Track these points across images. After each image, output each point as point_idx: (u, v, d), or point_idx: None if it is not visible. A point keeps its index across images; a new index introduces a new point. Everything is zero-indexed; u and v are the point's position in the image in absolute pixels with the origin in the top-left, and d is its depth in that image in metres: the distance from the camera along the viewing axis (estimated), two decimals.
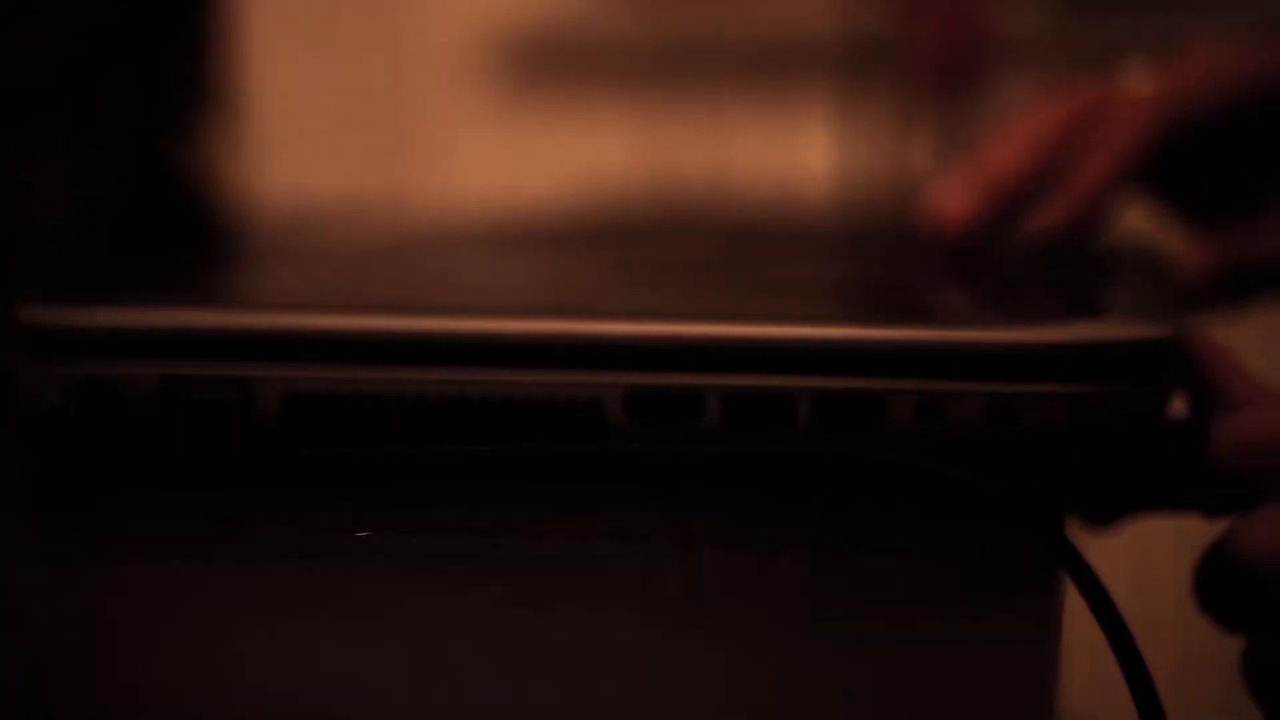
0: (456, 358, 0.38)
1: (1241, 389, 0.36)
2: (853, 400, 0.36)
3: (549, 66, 1.70)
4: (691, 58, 1.67)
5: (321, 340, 0.38)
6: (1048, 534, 0.34)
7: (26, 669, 0.28)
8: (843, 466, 0.37)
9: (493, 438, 0.38)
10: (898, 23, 1.45)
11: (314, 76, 1.49)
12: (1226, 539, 0.34)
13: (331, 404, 0.38)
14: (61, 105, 0.88)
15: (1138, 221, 0.54)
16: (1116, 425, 0.36)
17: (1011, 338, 0.36)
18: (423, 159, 0.84)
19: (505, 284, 0.52)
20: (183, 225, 1.01)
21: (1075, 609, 0.34)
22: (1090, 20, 1.48)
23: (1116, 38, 1.05)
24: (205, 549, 0.35)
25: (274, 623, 0.30)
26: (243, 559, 0.34)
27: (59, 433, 0.39)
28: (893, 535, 0.35)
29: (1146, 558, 1.12)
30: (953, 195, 0.51)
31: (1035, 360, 0.36)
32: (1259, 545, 0.32)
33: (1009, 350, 0.36)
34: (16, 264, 0.91)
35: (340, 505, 0.37)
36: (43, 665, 0.28)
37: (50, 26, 0.82)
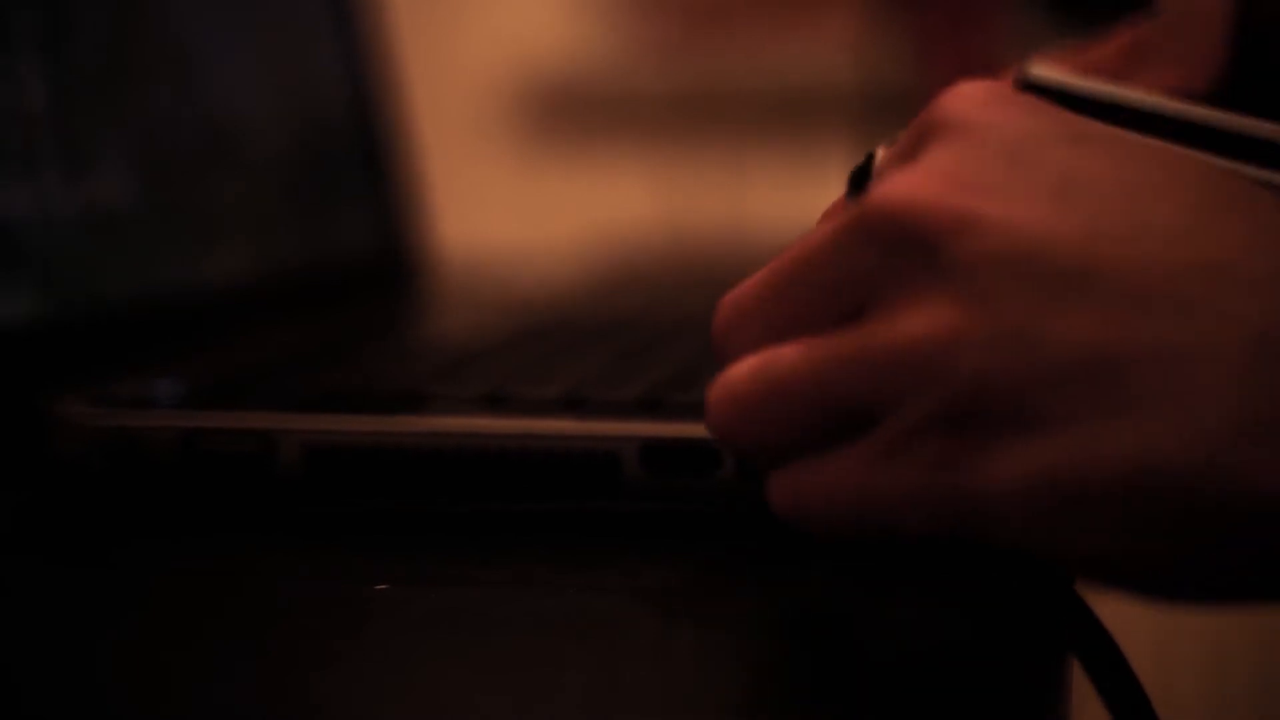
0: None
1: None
2: None
3: (569, 116, 1.71)
4: (710, 107, 1.67)
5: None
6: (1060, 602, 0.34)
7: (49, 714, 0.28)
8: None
9: (513, 491, 0.38)
10: (913, 71, 1.45)
11: None
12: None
13: (353, 457, 0.38)
14: None
15: None
16: None
17: None
18: (442, 207, 0.84)
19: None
20: None
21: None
22: None
23: None
24: (224, 599, 0.35)
25: (288, 672, 0.31)
26: (262, 609, 0.34)
27: (86, 484, 0.39)
28: (905, 594, 0.36)
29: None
30: None
31: None
32: (779, 508, 0.31)
33: None
34: None
35: (359, 557, 0.37)
36: (64, 711, 0.28)
37: None
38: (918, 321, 0.28)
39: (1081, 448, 0.27)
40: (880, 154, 0.33)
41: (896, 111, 1.47)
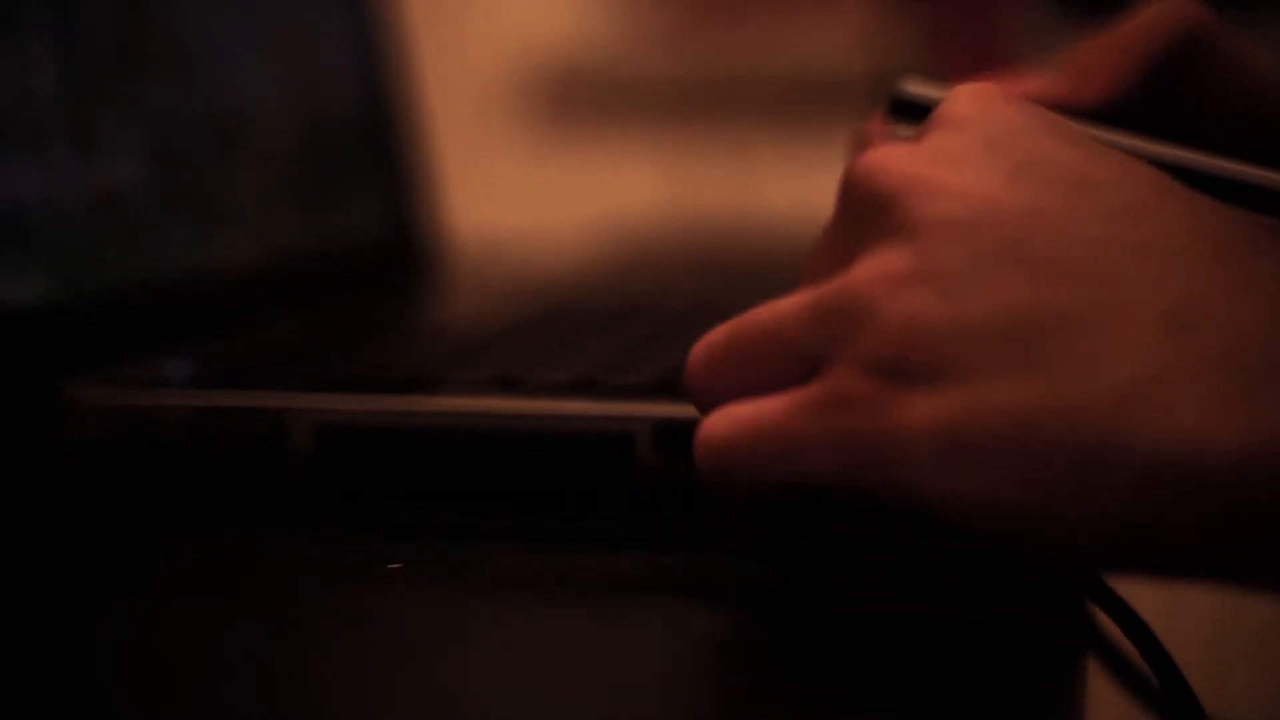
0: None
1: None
2: None
3: (579, 103, 1.71)
4: (719, 95, 1.67)
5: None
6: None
7: (56, 701, 0.28)
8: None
9: (526, 472, 0.38)
10: (924, 59, 1.45)
11: None
12: None
13: (366, 437, 0.38)
14: None
15: None
16: None
17: None
18: (452, 193, 0.84)
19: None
20: None
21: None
22: None
23: None
24: (239, 580, 0.35)
25: (301, 651, 0.31)
26: (276, 589, 0.35)
27: (98, 464, 0.39)
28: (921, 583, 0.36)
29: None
30: None
31: None
32: (702, 447, 0.32)
33: None
34: None
35: (372, 536, 0.37)
36: (70, 697, 0.28)
37: None
38: (866, 268, 0.31)
39: (981, 398, 0.28)
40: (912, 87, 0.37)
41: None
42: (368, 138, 0.75)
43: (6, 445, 0.42)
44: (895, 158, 0.32)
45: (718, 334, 0.33)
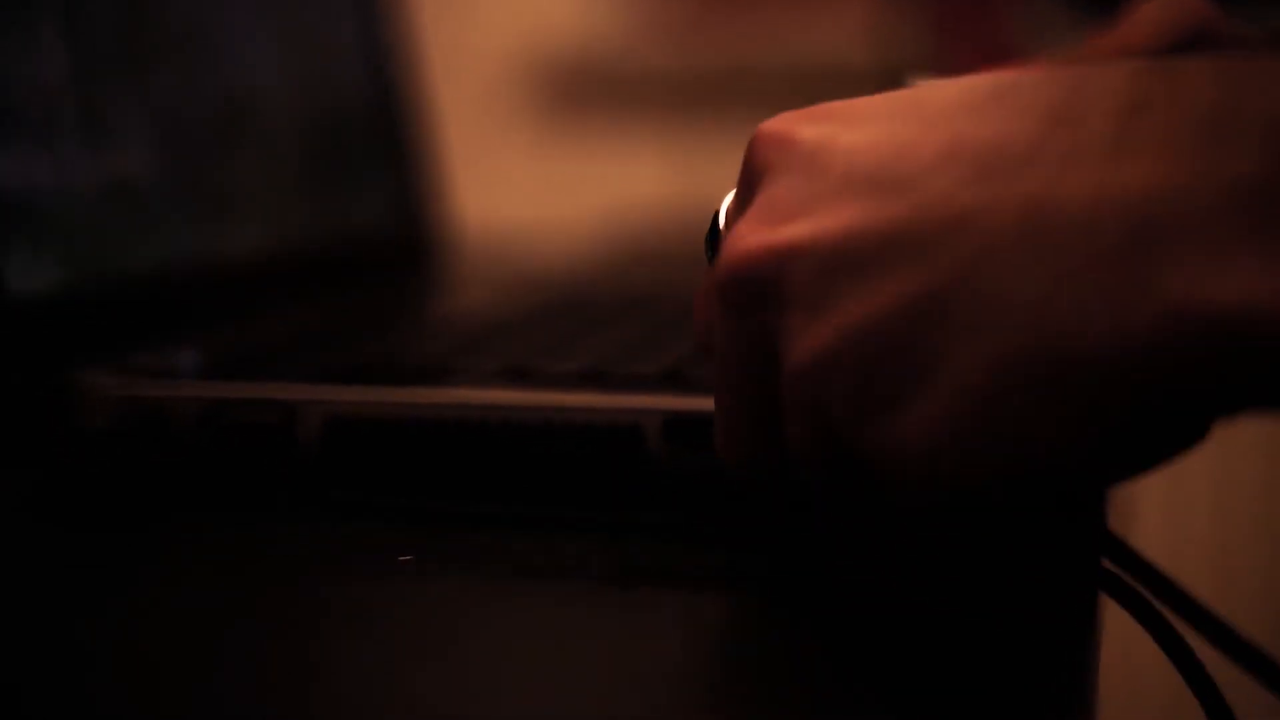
0: None
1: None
2: None
3: (585, 95, 1.71)
4: (725, 86, 1.67)
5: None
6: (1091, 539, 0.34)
7: (69, 686, 0.28)
8: None
9: (536, 463, 0.38)
10: (930, 53, 1.45)
11: None
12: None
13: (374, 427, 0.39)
14: None
15: None
16: None
17: None
18: (460, 185, 0.84)
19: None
20: None
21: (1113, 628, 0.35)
22: None
23: None
24: (247, 570, 0.35)
25: (312, 643, 0.31)
26: (284, 580, 0.35)
27: (109, 454, 0.40)
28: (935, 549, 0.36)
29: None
30: None
31: None
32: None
33: None
34: None
35: (383, 527, 0.38)
36: (77, 684, 0.28)
37: None
38: (795, 351, 0.31)
39: (948, 387, 0.28)
40: (724, 210, 0.36)
41: None
42: (375, 129, 0.75)
43: (17, 433, 0.42)
44: (746, 240, 0.32)
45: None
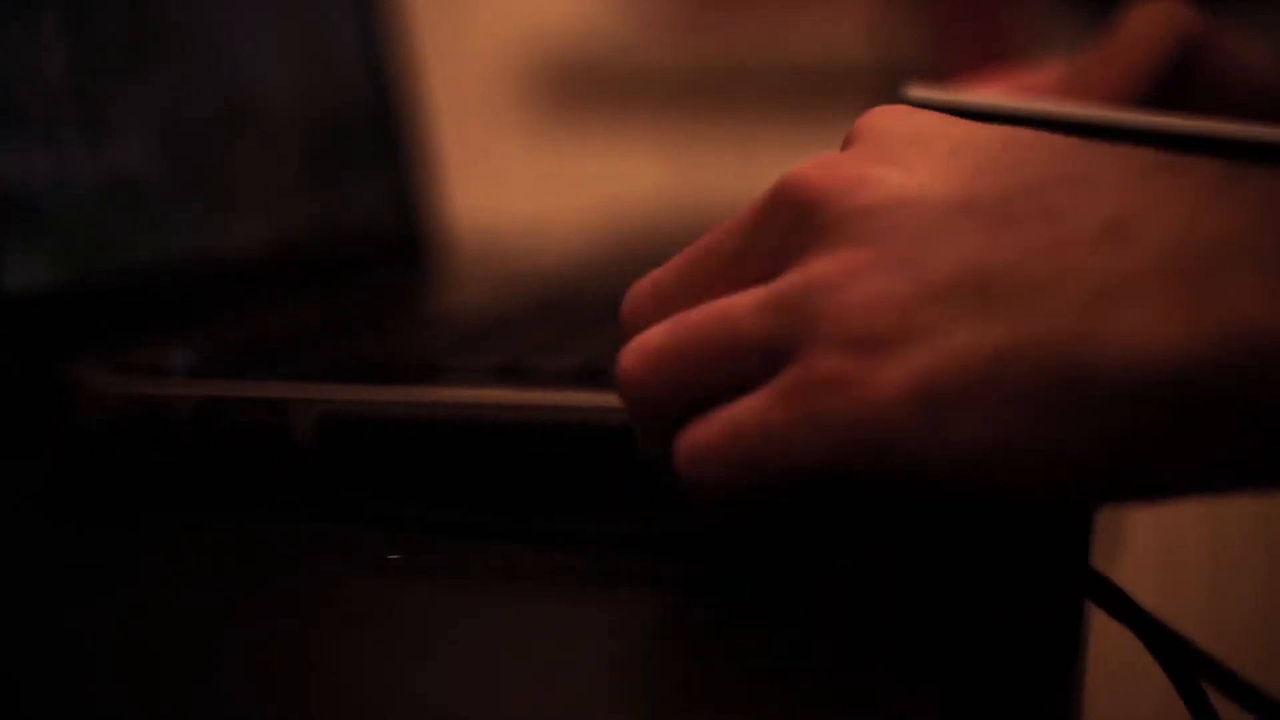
0: None
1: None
2: None
3: (582, 91, 1.70)
4: (723, 83, 1.67)
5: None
6: (1072, 560, 0.34)
7: (61, 683, 0.28)
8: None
9: (528, 462, 0.38)
10: (929, 48, 1.45)
11: None
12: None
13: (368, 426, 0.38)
14: None
15: None
16: None
17: None
18: (456, 182, 0.84)
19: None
20: None
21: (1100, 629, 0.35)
22: None
23: None
24: (238, 569, 0.35)
25: (302, 642, 0.31)
26: (276, 578, 0.35)
27: (103, 451, 0.39)
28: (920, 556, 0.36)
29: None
30: None
31: None
32: (684, 458, 0.32)
33: None
34: None
35: (373, 525, 0.38)
36: (76, 678, 0.28)
37: None
38: (819, 265, 0.31)
39: (947, 351, 0.29)
40: None
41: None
42: (372, 126, 0.75)
43: (11, 430, 0.42)
44: (818, 167, 0.32)
45: (654, 338, 0.33)
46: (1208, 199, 0.29)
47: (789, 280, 0.31)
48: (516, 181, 1.59)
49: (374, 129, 0.75)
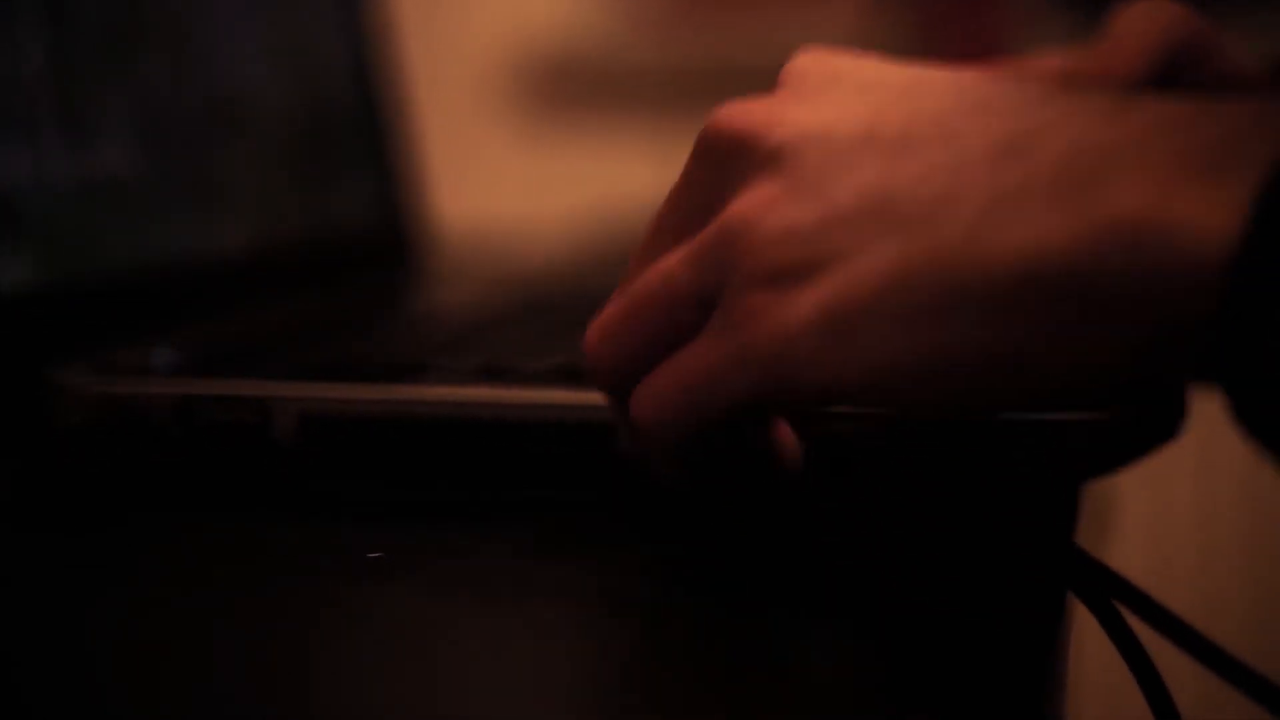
0: None
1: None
2: None
3: (569, 91, 1.70)
4: (710, 84, 1.67)
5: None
6: (1060, 555, 0.34)
7: (44, 685, 0.28)
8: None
9: (509, 460, 0.38)
10: (919, 47, 1.45)
11: None
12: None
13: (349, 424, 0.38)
14: None
15: None
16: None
17: None
18: (442, 182, 0.84)
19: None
20: None
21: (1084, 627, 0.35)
22: None
23: None
24: (220, 568, 0.35)
25: (282, 641, 0.31)
26: (258, 577, 0.35)
27: (84, 451, 0.39)
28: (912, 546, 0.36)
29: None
30: None
31: None
32: (641, 417, 0.33)
33: None
34: None
35: (354, 523, 0.38)
36: (59, 680, 0.28)
37: None
38: (739, 202, 0.32)
39: (851, 274, 0.30)
40: None
41: None
42: (357, 125, 0.74)
43: None
44: (741, 107, 0.33)
45: (607, 312, 0.34)
46: (1101, 120, 0.29)
47: (709, 228, 0.32)
48: (504, 181, 1.59)
49: (359, 128, 0.75)
